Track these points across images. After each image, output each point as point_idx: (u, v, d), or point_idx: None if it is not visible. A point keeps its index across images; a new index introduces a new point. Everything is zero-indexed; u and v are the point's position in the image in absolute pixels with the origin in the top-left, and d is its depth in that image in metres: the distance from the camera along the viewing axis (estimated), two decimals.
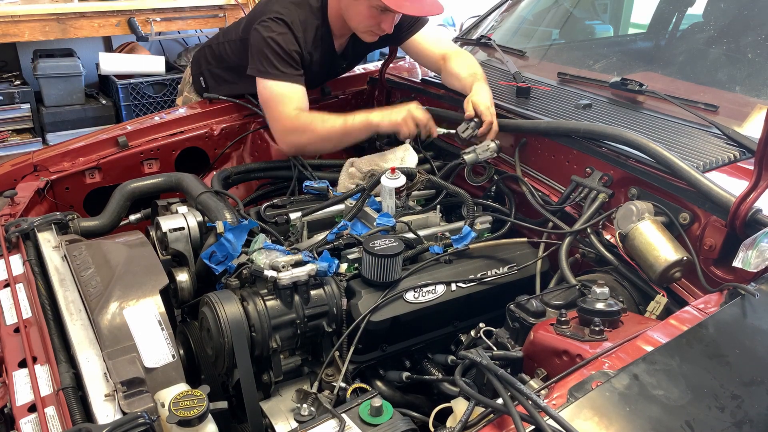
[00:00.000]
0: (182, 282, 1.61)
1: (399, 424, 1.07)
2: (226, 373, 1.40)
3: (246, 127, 2.34)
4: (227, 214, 1.63)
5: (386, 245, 1.46)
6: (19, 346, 1.26)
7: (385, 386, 1.54)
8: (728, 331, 1.14)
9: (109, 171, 2.10)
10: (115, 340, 1.23)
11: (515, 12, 2.78)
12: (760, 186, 1.25)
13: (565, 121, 1.79)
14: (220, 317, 1.33)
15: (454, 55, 2.15)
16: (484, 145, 1.86)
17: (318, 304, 1.43)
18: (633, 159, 1.59)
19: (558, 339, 1.19)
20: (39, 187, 1.92)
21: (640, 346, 1.08)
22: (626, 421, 0.93)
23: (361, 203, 1.75)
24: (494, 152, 1.85)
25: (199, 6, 4.37)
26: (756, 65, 1.94)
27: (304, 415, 1.21)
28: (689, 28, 2.38)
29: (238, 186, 2.24)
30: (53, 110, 4.10)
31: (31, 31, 3.82)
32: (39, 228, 1.62)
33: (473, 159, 1.84)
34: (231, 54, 2.28)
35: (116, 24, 4.11)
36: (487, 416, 0.99)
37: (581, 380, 1.00)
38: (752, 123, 1.71)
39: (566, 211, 1.71)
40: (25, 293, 1.40)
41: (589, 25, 2.86)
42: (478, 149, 1.85)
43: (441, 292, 1.52)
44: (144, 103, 4.24)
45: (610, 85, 1.98)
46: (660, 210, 1.49)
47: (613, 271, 1.54)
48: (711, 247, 1.40)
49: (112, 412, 1.08)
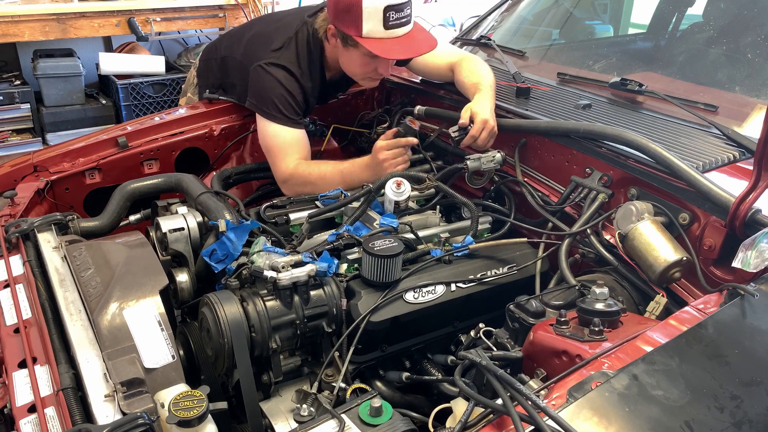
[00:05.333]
0: (182, 282, 1.61)
1: (399, 425, 1.07)
2: (225, 373, 1.40)
3: (246, 127, 2.34)
4: (227, 215, 1.64)
5: (386, 246, 1.46)
6: (19, 346, 1.26)
7: (385, 386, 1.54)
8: (728, 332, 1.14)
9: (109, 171, 2.10)
10: (114, 340, 1.23)
11: (515, 12, 2.78)
12: (759, 186, 1.25)
13: (565, 122, 1.79)
14: (220, 318, 1.33)
15: (460, 63, 2.13)
16: (490, 155, 1.86)
17: (318, 305, 1.43)
18: (633, 159, 1.59)
19: (557, 339, 1.19)
20: (39, 187, 1.92)
21: (640, 346, 1.08)
22: (625, 422, 0.93)
23: (365, 206, 1.75)
24: (498, 164, 1.86)
25: (199, 6, 4.37)
26: (756, 65, 1.94)
27: (303, 416, 1.21)
28: (689, 28, 2.38)
29: (238, 186, 2.24)
30: (53, 110, 4.10)
31: (31, 31, 3.83)
32: (39, 228, 1.62)
33: (476, 166, 1.85)
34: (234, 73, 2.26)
35: (116, 24, 4.11)
36: (487, 416, 0.99)
37: (581, 380, 1.00)
38: (752, 123, 1.71)
39: (566, 212, 1.71)
40: (25, 294, 1.40)
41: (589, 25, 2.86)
42: (483, 158, 1.85)
43: (441, 292, 1.52)
44: (144, 103, 4.24)
45: (609, 86, 1.98)
46: (660, 210, 1.49)
47: (613, 272, 1.54)
48: (710, 248, 1.40)
49: (112, 412, 1.08)
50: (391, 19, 1.83)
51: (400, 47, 1.89)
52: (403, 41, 1.89)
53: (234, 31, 2.42)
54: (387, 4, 1.80)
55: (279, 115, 1.98)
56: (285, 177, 1.99)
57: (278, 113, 1.98)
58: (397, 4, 1.82)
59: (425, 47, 1.96)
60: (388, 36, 1.85)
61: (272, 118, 1.98)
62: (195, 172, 2.01)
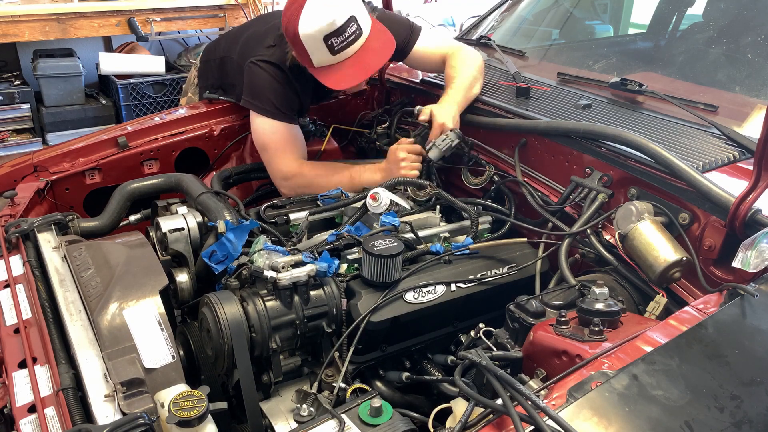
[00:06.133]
0: (182, 282, 1.61)
1: (398, 425, 1.07)
2: (225, 373, 1.40)
3: (246, 127, 2.33)
4: (227, 215, 1.64)
5: (386, 245, 1.46)
6: (19, 346, 1.26)
7: (385, 387, 1.54)
8: (727, 332, 1.14)
9: (109, 171, 2.10)
10: (114, 340, 1.23)
11: (515, 12, 2.78)
12: (759, 186, 1.25)
13: (565, 121, 1.79)
14: (220, 318, 1.33)
15: (450, 56, 2.13)
16: (443, 136, 1.85)
17: (318, 305, 1.43)
18: (632, 159, 1.59)
19: (557, 339, 1.19)
20: (39, 187, 1.92)
21: (640, 346, 1.08)
22: (625, 422, 0.93)
23: (365, 208, 1.75)
24: (453, 139, 1.84)
25: (199, 6, 4.38)
26: (756, 65, 1.94)
27: (303, 416, 1.21)
28: (689, 28, 2.38)
29: (238, 186, 2.24)
30: (53, 110, 4.10)
31: (31, 31, 3.83)
32: (39, 228, 1.62)
33: (437, 155, 1.84)
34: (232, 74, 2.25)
35: (116, 24, 4.11)
36: (487, 416, 0.99)
37: (581, 380, 1.00)
38: (752, 123, 1.71)
39: (566, 212, 1.71)
40: (25, 294, 1.40)
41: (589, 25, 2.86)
42: (437, 142, 1.85)
43: (441, 292, 1.52)
44: (144, 103, 4.24)
45: (609, 86, 1.98)
46: (660, 210, 1.49)
47: (613, 272, 1.54)
48: (710, 248, 1.40)
49: (112, 412, 1.08)
50: (336, 44, 1.80)
51: (352, 71, 1.86)
52: (355, 61, 1.86)
53: (232, 31, 2.42)
54: (325, 33, 1.77)
55: (274, 110, 1.97)
56: (285, 175, 1.98)
57: (273, 108, 1.97)
58: (336, 29, 1.78)
59: (379, 60, 1.92)
60: (339, 60, 1.84)
61: (267, 113, 1.98)
62: (195, 172, 2.01)
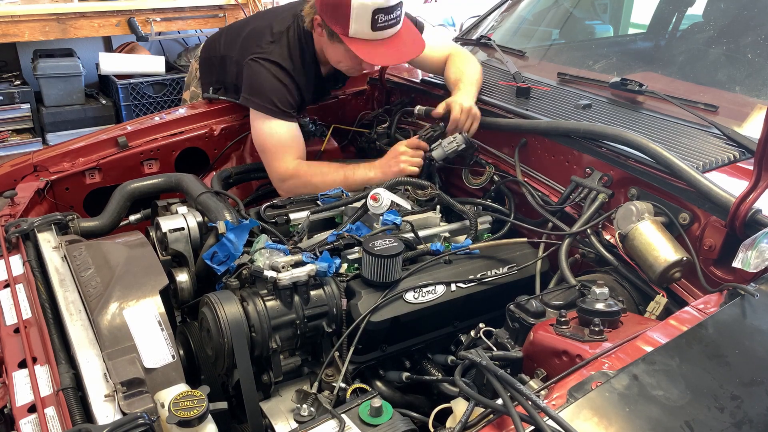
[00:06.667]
0: (182, 282, 1.61)
1: (399, 425, 1.07)
2: (225, 373, 1.40)
3: (246, 127, 2.33)
4: (227, 215, 1.63)
5: (386, 245, 1.46)
6: (19, 346, 1.26)
7: (385, 386, 1.54)
8: (728, 332, 1.14)
9: (109, 171, 2.10)
10: (114, 340, 1.23)
11: (515, 12, 2.77)
12: (759, 186, 1.25)
13: (565, 121, 1.79)
14: (220, 318, 1.33)
15: (449, 58, 2.13)
16: (450, 138, 1.85)
17: (318, 305, 1.43)
18: (633, 159, 1.59)
19: (558, 339, 1.19)
20: (39, 187, 1.92)
21: (640, 346, 1.08)
22: (626, 422, 0.93)
23: (365, 208, 1.75)
24: (461, 143, 1.84)
25: (199, 6, 4.37)
26: (756, 65, 1.94)
27: (303, 416, 1.21)
28: (689, 28, 2.38)
29: (238, 186, 2.24)
30: (53, 110, 4.10)
31: (31, 31, 3.83)
32: (39, 228, 1.62)
33: (441, 155, 1.84)
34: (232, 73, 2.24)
35: (116, 24, 4.11)
36: (487, 416, 0.99)
37: (581, 381, 1.00)
38: (752, 123, 1.71)
39: (566, 212, 1.71)
40: (25, 294, 1.40)
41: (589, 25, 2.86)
42: (443, 143, 1.85)
43: (441, 292, 1.52)
44: (144, 103, 4.24)
45: (609, 86, 1.98)
46: (660, 210, 1.49)
47: (613, 272, 1.54)
48: (711, 248, 1.40)
49: (112, 412, 1.08)
50: (380, 21, 1.80)
51: (385, 52, 1.86)
52: (389, 44, 1.86)
53: (232, 27, 2.39)
54: (377, 6, 1.77)
55: (274, 108, 1.96)
56: (283, 176, 1.98)
57: (273, 106, 1.96)
58: (388, 7, 1.79)
59: (411, 52, 1.93)
60: (374, 38, 1.83)
61: (267, 111, 1.96)
62: (195, 172, 2.01)
